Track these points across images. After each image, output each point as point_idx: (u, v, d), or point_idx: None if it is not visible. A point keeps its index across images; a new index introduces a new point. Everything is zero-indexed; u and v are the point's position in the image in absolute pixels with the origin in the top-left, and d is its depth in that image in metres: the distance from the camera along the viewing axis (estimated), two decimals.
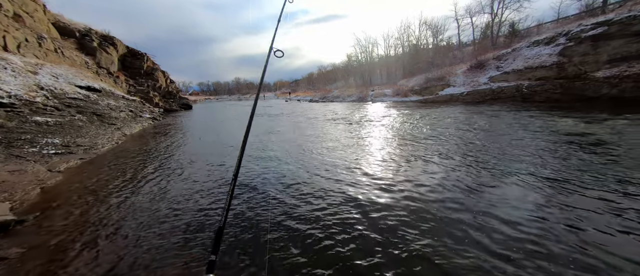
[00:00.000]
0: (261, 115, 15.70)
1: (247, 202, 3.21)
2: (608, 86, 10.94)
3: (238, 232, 2.50)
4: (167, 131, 10.02)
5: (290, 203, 3.12)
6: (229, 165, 4.89)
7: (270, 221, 2.67)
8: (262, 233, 2.48)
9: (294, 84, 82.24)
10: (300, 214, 2.82)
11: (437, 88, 19.29)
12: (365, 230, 2.46)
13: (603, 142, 4.86)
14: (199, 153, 6.05)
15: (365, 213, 2.77)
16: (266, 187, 3.66)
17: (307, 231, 2.47)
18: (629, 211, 2.52)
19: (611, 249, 2.00)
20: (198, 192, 3.61)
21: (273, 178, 4.07)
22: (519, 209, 2.67)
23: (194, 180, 4.12)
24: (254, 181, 3.93)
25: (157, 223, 2.75)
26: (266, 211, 2.92)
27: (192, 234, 2.49)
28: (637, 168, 3.52)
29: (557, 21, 22.69)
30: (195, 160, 5.37)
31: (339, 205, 2.99)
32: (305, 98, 38.92)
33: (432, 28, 34.56)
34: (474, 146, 5.30)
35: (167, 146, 7.02)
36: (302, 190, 3.49)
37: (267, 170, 4.50)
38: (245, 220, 2.74)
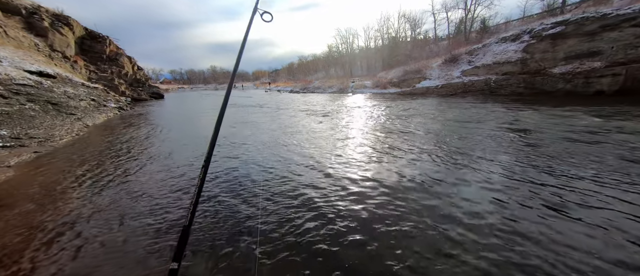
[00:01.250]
0: (244, 106, 15.19)
1: (223, 199, 3.13)
2: (563, 81, 12.05)
3: (215, 235, 2.31)
4: (135, 122, 9.36)
5: (278, 201, 3.09)
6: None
7: (260, 219, 2.52)
8: (241, 235, 2.44)
9: (273, 74, 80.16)
10: (290, 207, 2.82)
11: (414, 80, 19.94)
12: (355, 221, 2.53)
13: (529, 130, 5.39)
14: (169, 146, 5.74)
15: (351, 205, 2.84)
16: (243, 184, 3.59)
17: (293, 226, 2.49)
18: (541, 186, 2.85)
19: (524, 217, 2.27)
20: (166, 189, 3.43)
21: (254, 173, 3.99)
22: (473, 189, 2.91)
23: (162, 176, 3.89)
24: (230, 176, 3.83)
25: (117, 225, 2.57)
26: (249, 208, 2.87)
27: (155, 238, 2.31)
28: (543, 152, 3.97)
29: (522, 19, 24.30)
30: (164, 154, 5.09)
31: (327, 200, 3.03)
32: (286, 88, 38.25)
33: (411, 21, 35.32)
34: (440, 136, 5.61)
35: (134, 138, 6.56)
36: (291, 185, 3.47)
37: (249, 164, 4.40)
38: (220, 219, 2.64)
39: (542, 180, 3.15)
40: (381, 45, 38.68)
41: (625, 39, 10.45)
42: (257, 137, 6.32)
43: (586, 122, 6.07)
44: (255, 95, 27.76)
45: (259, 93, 32.27)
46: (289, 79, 55.34)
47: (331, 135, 6.31)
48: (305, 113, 10.56)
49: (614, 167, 3.40)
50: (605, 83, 10.74)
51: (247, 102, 17.38)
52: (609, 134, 4.95)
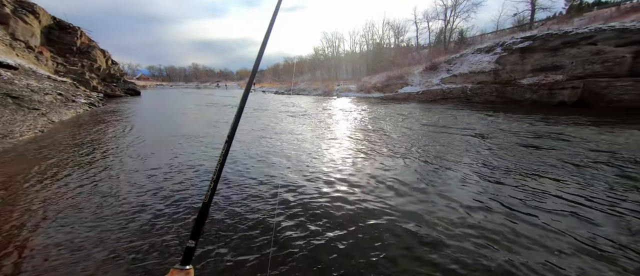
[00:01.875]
0: (227, 106, 14.84)
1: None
2: (530, 92, 13.04)
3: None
4: (107, 119, 8.83)
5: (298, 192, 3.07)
6: (181, 160, 4.56)
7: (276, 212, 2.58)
8: (253, 221, 2.41)
9: (259, 74, 79.08)
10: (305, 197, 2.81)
11: (397, 86, 20.59)
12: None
13: (492, 135, 5.84)
14: (142, 146, 5.49)
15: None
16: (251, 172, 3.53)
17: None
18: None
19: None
20: (133, 193, 3.30)
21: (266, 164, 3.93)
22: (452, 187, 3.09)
23: (134, 178, 3.74)
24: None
25: (78, 228, 2.45)
26: (263, 198, 2.83)
27: (124, 243, 2.29)
28: (494, 153, 4.35)
29: (496, 32, 25.99)
30: (137, 154, 4.86)
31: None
32: (271, 89, 37.89)
33: (394, 29, 36.50)
34: (415, 140, 5.87)
35: (105, 136, 6.20)
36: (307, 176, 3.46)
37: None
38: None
39: (496, 178, 3.43)
40: (366, 50, 39.57)
41: (583, 55, 11.55)
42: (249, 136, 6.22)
43: (536, 129, 6.65)
44: (239, 95, 27.23)
45: (242, 93, 31.68)
46: (274, 80, 54.85)
47: (318, 136, 6.36)
48: (289, 115, 10.53)
49: (552, 166, 3.78)
50: (566, 95, 11.78)
51: (231, 102, 17.00)
52: (554, 140, 5.49)
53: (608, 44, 10.95)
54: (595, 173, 3.65)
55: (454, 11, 28.65)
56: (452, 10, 28.73)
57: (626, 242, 2.16)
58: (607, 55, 10.86)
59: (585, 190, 3.13)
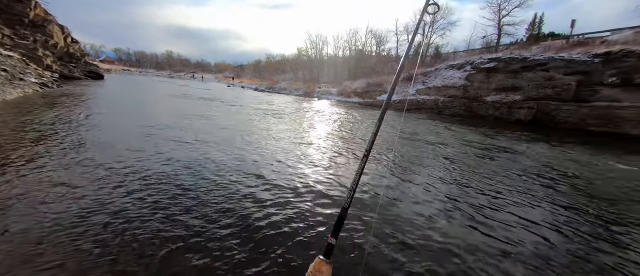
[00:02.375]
0: (202, 99, 14.12)
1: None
2: (493, 109, 14.29)
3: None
4: (62, 103, 7.96)
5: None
6: (143, 156, 4.26)
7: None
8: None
9: (238, 69, 76.43)
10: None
11: (376, 93, 21.29)
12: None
13: (453, 145, 6.40)
14: (97, 137, 5.05)
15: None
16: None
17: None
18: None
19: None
20: (82, 187, 3.04)
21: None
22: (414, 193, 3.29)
23: (80, 176, 3.44)
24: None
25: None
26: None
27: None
28: (460, 163, 4.81)
29: (467, 51, 28.10)
30: (91, 144, 4.46)
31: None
32: (250, 85, 36.90)
33: (377, 38, 37.78)
34: (386, 146, 6.15)
35: (55, 122, 5.59)
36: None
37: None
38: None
39: (450, 184, 3.72)
40: (348, 55, 40.38)
41: (538, 80, 12.96)
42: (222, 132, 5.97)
43: (491, 141, 7.36)
44: (216, 88, 26.10)
45: (220, 87, 30.42)
46: (254, 76, 53.44)
47: (296, 137, 6.33)
48: (271, 115, 10.36)
49: (496, 175, 4.21)
50: (523, 113, 13.11)
51: (207, 95, 16.24)
52: (503, 152, 6.10)
53: (558, 71, 12.42)
54: (528, 183, 4.13)
55: (432, 27, 30.49)
56: (430, 26, 30.53)
57: (553, 240, 2.47)
58: (556, 82, 12.31)
59: (517, 198, 3.53)
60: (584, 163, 5.79)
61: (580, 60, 11.91)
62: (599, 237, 2.69)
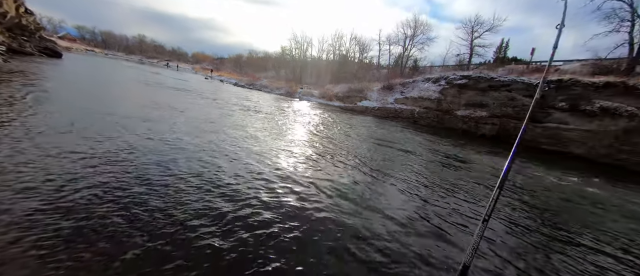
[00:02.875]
0: (182, 90, 13.30)
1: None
2: (462, 122, 15.37)
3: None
4: (8, 80, 7.01)
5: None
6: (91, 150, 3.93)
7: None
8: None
9: (218, 61, 73.45)
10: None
11: (357, 98, 21.77)
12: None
13: (421, 153, 6.86)
14: (55, 121, 4.56)
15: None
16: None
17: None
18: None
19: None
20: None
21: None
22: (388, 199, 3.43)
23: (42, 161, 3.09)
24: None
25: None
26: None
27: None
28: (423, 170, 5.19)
29: (442, 66, 29.94)
30: (46, 131, 4.02)
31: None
32: (230, 80, 35.64)
33: (360, 45, 38.77)
34: (369, 150, 6.35)
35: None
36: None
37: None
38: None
39: (416, 187, 3.96)
40: (332, 59, 40.88)
41: (502, 99, 14.21)
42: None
43: (455, 151, 7.96)
44: (192, 79, 24.77)
45: (196, 78, 28.93)
46: (234, 71, 51.74)
47: (273, 136, 6.24)
48: (252, 111, 10.09)
49: (450, 181, 4.59)
50: (487, 129, 14.27)
51: (183, 86, 15.34)
52: (461, 162, 6.64)
53: (519, 93, 13.75)
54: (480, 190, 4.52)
55: (412, 41, 32.04)
56: (410, 39, 32.07)
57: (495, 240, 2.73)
58: (517, 102, 13.62)
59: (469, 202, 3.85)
60: (529, 176, 6.49)
61: (537, 84, 13.32)
62: (524, 240, 3.02)
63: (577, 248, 3.06)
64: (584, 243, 3.21)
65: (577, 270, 2.62)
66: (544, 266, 2.58)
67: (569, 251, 2.97)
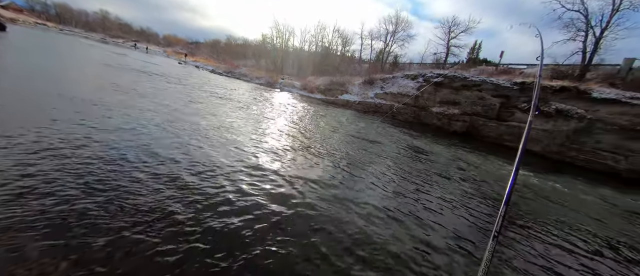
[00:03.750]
0: (154, 75, 12.26)
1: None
2: (436, 119, 16.14)
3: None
4: None
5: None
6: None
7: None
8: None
9: (192, 46, 68.99)
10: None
11: (338, 92, 21.84)
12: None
13: (386, 144, 7.20)
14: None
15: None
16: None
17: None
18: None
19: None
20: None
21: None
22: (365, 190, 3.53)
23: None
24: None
25: None
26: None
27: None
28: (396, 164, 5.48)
29: (420, 64, 30.97)
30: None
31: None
32: (207, 66, 33.76)
33: (343, 38, 38.65)
34: (337, 144, 6.45)
35: None
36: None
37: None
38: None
39: (391, 177, 4.14)
40: (315, 51, 40.38)
41: (472, 98, 15.11)
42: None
43: (428, 147, 8.43)
44: (164, 64, 23.04)
45: (169, 63, 26.96)
46: (211, 57, 49.04)
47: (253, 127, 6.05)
48: (231, 101, 9.65)
49: (415, 172, 4.88)
50: (458, 126, 15.15)
51: (152, 69, 14.20)
52: (432, 155, 7.07)
53: (488, 93, 14.71)
54: (447, 180, 4.86)
55: (393, 37, 32.62)
56: (392, 35, 32.62)
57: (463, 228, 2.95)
58: (486, 101, 14.57)
59: (438, 190, 4.12)
60: (483, 166, 7.08)
61: (504, 85, 14.33)
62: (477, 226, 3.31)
63: (524, 230, 3.40)
64: (530, 227, 3.57)
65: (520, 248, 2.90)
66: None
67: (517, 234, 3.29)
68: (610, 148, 10.77)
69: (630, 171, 10.25)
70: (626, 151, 10.41)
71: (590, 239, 3.61)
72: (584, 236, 3.67)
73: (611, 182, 9.04)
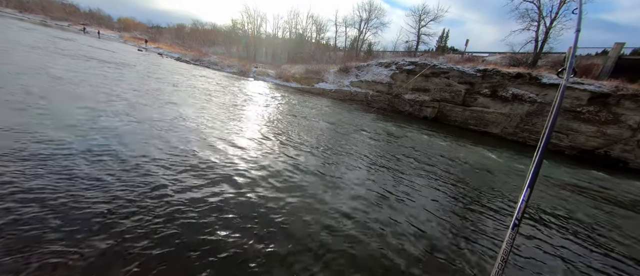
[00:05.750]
0: (105, 62, 10.94)
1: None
2: (409, 106, 16.83)
3: None
4: None
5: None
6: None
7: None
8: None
9: (153, 31, 62.83)
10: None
11: (314, 80, 21.64)
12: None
13: (367, 131, 7.53)
14: None
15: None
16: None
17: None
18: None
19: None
20: None
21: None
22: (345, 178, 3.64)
23: None
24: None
25: None
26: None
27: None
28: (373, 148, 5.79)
29: (393, 52, 31.70)
30: None
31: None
32: (172, 54, 31.17)
33: (317, 24, 37.95)
34: (325, 132, 6.52)
35: None
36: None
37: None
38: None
39: (370, 160, 4.34)
40: (289, 38, 39.24)
41: (441, 85, 15.93)
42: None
43: (401, 132, 8.88)
44: (121, 50, 20.71)
45: (126, 49, 24.26)
46: (175, 43, 45.29)
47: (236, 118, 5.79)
48: (203, 90, 9.07)
49: (389, 155, 5.21)
50: (429, 112, 15.98)
51: (106, 57, 12.72)
52: (403, 139, 7.50)
53: (455, 80, 15.60)
54: (412, 162, 5.22)
55: (367, 24, 32.79)
56: (366, 22, 32.74)
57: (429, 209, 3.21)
58: (453, 88, 15.47)
59: (404, 175, 4.42)
60: (449, 147, 7.67)
61: (469, 73, 15.29)
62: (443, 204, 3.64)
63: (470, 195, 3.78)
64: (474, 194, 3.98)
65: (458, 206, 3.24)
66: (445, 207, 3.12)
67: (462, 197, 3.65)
68: (556, 128, 12.17)
69: (571, 148, 11.74)
70: (567, 130, 11.85)
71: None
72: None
73: (555, 157, 10.29)
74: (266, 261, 1.92)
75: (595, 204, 5.05)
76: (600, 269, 2.80)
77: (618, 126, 10.89)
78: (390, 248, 2.39)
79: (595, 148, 11.24)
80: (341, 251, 2.22)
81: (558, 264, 2.73)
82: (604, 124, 11.13)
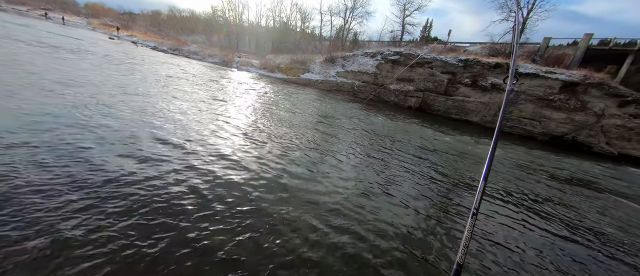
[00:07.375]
0: (69, 51, 10.04)
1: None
2: (394, 96, 17.07)
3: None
4: None
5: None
6: None
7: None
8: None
9: (126, 17, 58.45)
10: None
11: (299, 71, 21.30)
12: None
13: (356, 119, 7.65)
14: None
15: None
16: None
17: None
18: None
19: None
20: None
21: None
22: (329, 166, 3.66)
23: None
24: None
25: None
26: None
27: None
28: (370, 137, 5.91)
29: (378, 42, 31.71)
30: None
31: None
32: (147, 42, 29.29)
33: (302, 13, 36.99)
34: (315, 124, 6.50)
35: None
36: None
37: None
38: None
39: (360, 149, 4.41)
40: (273, 26, 38.06)
41: (425, 75, 16.23)
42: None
43: (388, 122, 9.06)
44: (90, 38, 19.10)
45: (96, 37, 22.39)
46: (150, 31, 42.51)
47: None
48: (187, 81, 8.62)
49: (374, 142, 5.34)
50: (413, 101, 16.30)
51: (71, 45, 11.70)
52: (393, 130, 7.67)
53: (438, 70, 15.94)
54: (401, 149, 5.37)
55: (352, 13, 32.39)
56: (351, 11, 32.33)
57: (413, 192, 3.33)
58: (436, 78, 15.82)
59: (393, 159, 4.55)
60: (432, 136, 7.94)
61: (451, 63, 15.65)
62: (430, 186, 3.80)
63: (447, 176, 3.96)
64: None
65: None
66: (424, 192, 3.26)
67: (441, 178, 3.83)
68: (530, 116, 12.88)
69: (543, 134, 12.51)
70: (540, 117, 12.58)
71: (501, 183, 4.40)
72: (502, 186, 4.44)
73: (528, 143, 10.93)
74: (246, 258, 1.90)
75: (541, 179, 5.45)
76: (544, 227, 3.05)
77: (585, 113, 11.70)
78: (361, 239, 2.45)
79: (564, 133, 12.05)
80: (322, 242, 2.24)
81: (515, 236, 2.93)
82: (572, 111, 11.91)
